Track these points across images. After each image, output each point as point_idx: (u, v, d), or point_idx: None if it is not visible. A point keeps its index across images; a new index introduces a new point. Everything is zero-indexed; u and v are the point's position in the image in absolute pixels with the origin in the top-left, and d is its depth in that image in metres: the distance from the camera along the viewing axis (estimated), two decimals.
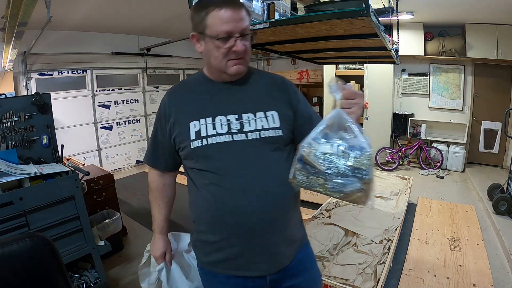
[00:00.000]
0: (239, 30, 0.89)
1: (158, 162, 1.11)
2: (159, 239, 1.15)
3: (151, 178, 1.15)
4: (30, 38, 3.62)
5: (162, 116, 1.04)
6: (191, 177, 1.03)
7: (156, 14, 4.27)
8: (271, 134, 0.94)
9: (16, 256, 0.81)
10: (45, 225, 1.77)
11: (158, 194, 1.15)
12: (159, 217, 1.15)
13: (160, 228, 1.15)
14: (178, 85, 1.10)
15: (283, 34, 2.21)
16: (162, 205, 1.16)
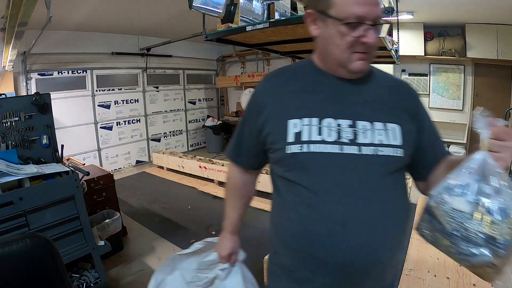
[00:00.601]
0: (373, 17, 0.70)
1: (241, 159, 0.96)
2: (229, 238, 1.04)
3: (231, 174, 1.02)
4: (30, 38, 3.62)
5: (253, 107, 0.86)
6: (279, 187, 0.84)
7: (156, 14, 4.27)
8: (390, 153, 0.74)
9: (16, 256, 0.81)
10: (45, 225, 1.77)
11: (236, 192, 1.03)
12: (233, 216, 1.03)
13: (232, 227, 1.04)
14: (278, 71, 0.89)
15: (283, 34, 2.21)
16: (239, 204, 1.03)
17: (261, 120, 0.82)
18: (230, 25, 1.90)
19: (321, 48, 0.80)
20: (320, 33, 0.77)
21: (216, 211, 3.60)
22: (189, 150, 7.04)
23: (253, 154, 0.92)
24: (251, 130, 0.86)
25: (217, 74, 7.71)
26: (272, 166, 0.86)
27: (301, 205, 0.75)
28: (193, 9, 1.73)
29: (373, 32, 0.71)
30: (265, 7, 2.01)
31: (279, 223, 0.84)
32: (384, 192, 0.74)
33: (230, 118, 7.41)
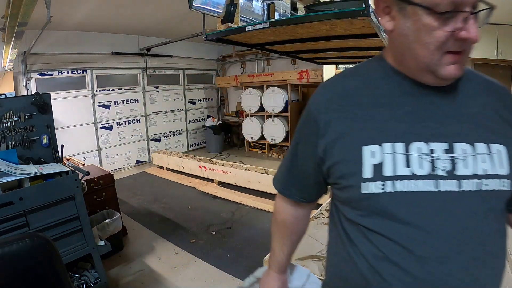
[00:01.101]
0: (473, 1, 0.50)
1: (291, 191, 0.78)
2: (275, 278, 0.88)
3: (279, 207, 0.84)
4: (30, 38, 3.63)
5: (310, 126, 0.66)
6: (347, 232, 0.64)
7: (156, 14, 4.27)
8: (496, 187, 0.55)
9: (16, 256, 0.82)
10: (45, 225, 1.77)
11: (284, 229, 0.85)
12: (280, 254, 0.87)
13: (279, 266, 0.88)
14: (341, 76, 0.69)
15: (283, 34, 2.21)
16: (288, 241, 0.86)
17: (322, 145, 0.63)
18: (230, 25, 1.90)
19: (398, 47, 0.59)
20: (396, 27, 0.56)
21: (216, 211, 3.60)
22: (189, 150, 7.04)
23: (308, 185, 0.74)
24: (307, 157, 0.68)
25: (217, 74, 7.71)
26: (338, 204, 0.67)
27: (383, 262, 0.56)
28: (193, 9, 1.73)
29: (474, 22, 0.50)
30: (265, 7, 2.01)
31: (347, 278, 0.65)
32: (492, 243, 0.56)
33: (230, 118, 7.42)
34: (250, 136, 6.57)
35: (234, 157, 6.19)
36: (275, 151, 6.30)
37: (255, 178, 4.17)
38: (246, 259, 2.57)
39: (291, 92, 6.09)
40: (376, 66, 0.64)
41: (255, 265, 2.57)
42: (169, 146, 6.60)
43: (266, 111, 6.26)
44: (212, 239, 2.96)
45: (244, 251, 2.70)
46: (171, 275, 2.40)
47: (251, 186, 4.19)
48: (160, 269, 2.47)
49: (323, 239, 2.28)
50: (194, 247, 2.81)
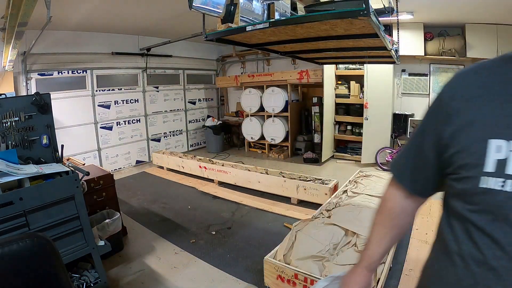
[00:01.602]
0: None
1: (407, 179, 0.76)
2: (362, 274, 0.83)
3: (389, 195, 0.82)
4: (30, 38, 3.63)
5: (439, 112, 0.66)
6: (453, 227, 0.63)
7: (156, 14, 4.27)
8: None
9: (16, 256, 0.81)
10: (45, 225, 1.77)
11: (388, 220, 0.81)
12: (376, 249, 0.82)
13: (370, 261, 0.83)
14: (477, 66, 0.66)
15: (283, 34, 2.21)
16: (388, 236, 0.82)
17: (449, 131, 0.62)
18: (230, 25, 1.89)
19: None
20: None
21: (216, 211, 3.60)
22: (189, 150, 7.04)
23: (426, 175, 0.72)
24: (431, 145, 0.67)
25: (217, 74, 7.71)
26: (450, 198, 0.66)
27: (480, 265, 0.56)
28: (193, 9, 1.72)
29: None
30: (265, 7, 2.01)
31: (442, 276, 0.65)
32: None
33: (230, 118, 7.42)
34: (250, 136, 6.57)
35: (234, 157, 6.19)
36: (275, 151, 6.30)
37: (255, 178, 4.17)
38: (246, 259, 2.57)
39: (291, 92, 6.10)
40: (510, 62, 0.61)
41: (255, 265, 2.58)
42: (169, 146, 6.60)
43: (266, 111, 6.27)
44: (212, 239, 2.96)
45: (244, 251, 2.70)
46: (171, 275, 2.40)
47: (251, 186, 4.20)
48: (160, 269, 2.47)
49: (323, 239, 2.28)
50: (194, 247, 2.81)
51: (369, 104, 5.06)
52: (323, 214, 2.76)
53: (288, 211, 3.50)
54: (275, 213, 3.50)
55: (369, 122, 5.13)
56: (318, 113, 5.85)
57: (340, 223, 2.50)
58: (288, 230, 2.68)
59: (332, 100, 5.65)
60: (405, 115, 5.35)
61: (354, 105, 5.61)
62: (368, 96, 5.05)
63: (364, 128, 5.19)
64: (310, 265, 2.02)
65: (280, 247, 2.23)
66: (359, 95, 5.46)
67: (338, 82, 5.67)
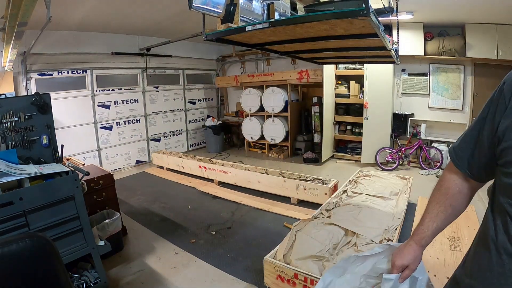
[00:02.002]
0: None
1: (464, 163, 0.78)
2: (411, 248, 0.86)
3: (446, 176, 0.84)
4: (30, 38, 3.62)
5: (499, 102, 0.66)
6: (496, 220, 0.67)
7: (156, 14, 4.27)
8: None
9: (16, 256, 0.81)
10: (45, 225, 1.77)
11: (443, 199, 0.83)
12: (429, 225, 0.84)
13: (420, 236, 0.85)
14: None
15: (283, 34, 2.21)
16: (442, 214, 0.83)
17: (503, 125, 0.63)
18: (230, 25, 1.89)
19: None
20: None
21: (216, 211, 3.60)
22: (189, 150, 7.04)
23: (483, 162, 0.73)
24: (489, 131, 0.68)
25: (217, 74, 7.71)
26: (497, 188, 0.68)
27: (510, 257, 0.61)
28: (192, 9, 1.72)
29: None
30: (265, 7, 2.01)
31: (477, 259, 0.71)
32: None
33: (230, 118, 7.42)
34: (250, 136, 6.57)
35: (234, 157, 6.19)
36: (275, 151, 6.30)
37: (255, 178, 4.17)
38: (246, 259, 2.57)
39: (291, 92, 6.10)
40: None
41: (255, 265, 2.58)
42: (169, 146, 6.60)
43: (266, 111, 6.27)
44: (212, 239, 2.96)
45: (244, 251, 2.70)
46: (171, 275, 2.40)
47: (251, 186, 4.20)
48: (160, 269, 2.47)
49: (323, 239, 2.29)
50: (194, 247, 2.81)
51: (369, 104, 5.06)
52: (323, 214, 2.76)
53: (288, 211, 3.50)
54: (275, 213, 3.50)
55: (369, 122, 5.13)
56: (318, 113, 5.85)
57: (340, 223, 2.50)
58: (288, 230, 2.68)
59: (332, 100, 5.65)
60: (405, 115, 5.35)
61: (354, 105, 5.61)
62: (368, 96, 5.05)
63: (364, 128, 5.19)
64: (310, 265, 2.02)
65: (280, 247, 2.23)
66: (359, 95, 5.46)
67: (338, 82, 5.67)
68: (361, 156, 5.33)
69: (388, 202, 3.05)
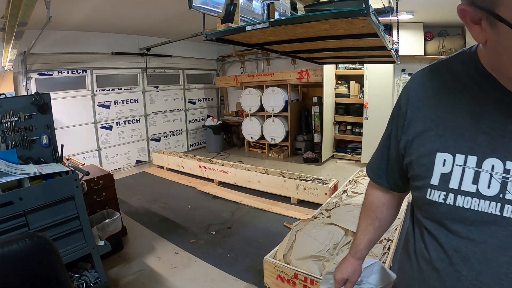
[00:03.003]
0: None
1: (381, 178, 0.81)
2: (348, 261, 0.91)
3: (369, 191, 0.89)
4: (30, 38, 3.62)
5: (398, 117, 0.68)
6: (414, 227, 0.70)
7: (156, 14, 4.27)
8: None
9: (16, 256, 0.81)
10: (45, 225, 1.77)
11: (369, 212, 0.88)
12: (360, 238, 0.89)
13: (355, 250, 0.90)
14: (433, 68, 0.65)
15: (283, 34, 2.21)
16: (370, 227, 0.87)
17: (403, 142, 0.65)
18: (230, 25, 1.89)
19: (492, 56, 0.53)
20: (489, 41, 0.49)
21: (216, 211, 3.60)
22: (189, 150, 7.04)
23: (397, 176, 0.76)
24: (395, 149, 0.70)
25: (217, 74, 7.71)
26: (413, 198, 0.69)
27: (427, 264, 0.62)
28: (192, 9, 1.72)
29: None
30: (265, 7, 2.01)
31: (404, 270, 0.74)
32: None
33: (230, 118, 7.42)
34: (250, 136, 6.57)
35: (234, 157, 6.19)
36: (275, 151, 6.30)
37: (255, 178, 4.17)
38: (246, 259, 2.57)
39: (291, 92, 6.09)
40: (468, 63, 0.58)
41: (255, 265, 2.58)
42: (169, 146, 6.60)
43: (266, 111, 6.26)
44: (212, 239, 2.96)
45: (244, 251, 2.70)
46: (171, 275, 2.40)
47: (251, 186, 4.20)
48: (160, 269, 2.47)
49: (323, 239, 2.29)
50: (194, 247, 2.81)
51: (369, 104, 5.06)
52: (323, 214, 2.76)
53: (288, 211, 3.50)
54: (275, 213, 3.50)
55: (369, 122, 5.13)
56: (318, 113, 5.85)
57: (340, 223, 2.50)
58: (288, 230, 2.68)
59: (332, 100, 5.65)
60: None
61: (354, 105, 5.61)
62: (368, 96, 5.05)
63: (364, 128, 5.19)
64: (310, 265, 2.02)
65: (280, 247, 2.23)
66: (359, 95, 5.46)
67: (338, 82, 5.67)
68: (361, 156, 5.33)
69: None
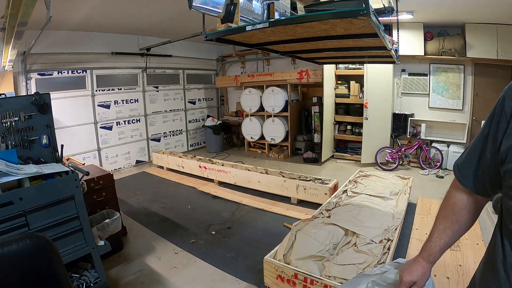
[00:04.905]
0: None
1: (468, 179, 0.78)
2: (419, 264, 0.86)
3: (452, 192, 0.85)
4: (30, 38, 3.63)
5: (500, 120, 0.66)
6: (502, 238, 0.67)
7: (156, 14, 4.27)
8: None
9: (16, 256, 0.81)
10: (45, 225, 1.77)
11: (450, 215, 0.83)
12: (436, 241, 0.85)
13: (429, 253, 0.86)
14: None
15: (283, 34, 2.21)
16: (449, 230, 0.83)
17: (506, 144, 0.62)
18: (230, 25, 1.89)
19: None
20: None
21: (216, 211, 3.60)
22: (189, 150, 7.04)
23: (487, 180, 0.73)
24: (493, 149, 0.68)
25: (217, 74, 7.71)
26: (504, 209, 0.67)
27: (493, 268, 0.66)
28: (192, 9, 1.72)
29: None
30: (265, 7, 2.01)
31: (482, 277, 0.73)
32: None
33: (230, 118, 7.42)
34: (250, 136, 6.57)
35: (234, 157, 6.19)
36: (275, 151, 6.30)
37: (255, 178, 4.17)
38: (246, 259, 2.57)
39: (291, 92, 6.10)
40: None
41: (255, 265, 2.57)
42: (169, 146, 6.60)
43: (266, 111, 6.27)
44: (212, 239, 2.96)
45: (244, 251, 2.70)
46: (171, 275, 2.40)
47: (251, 186, 4.20)
48: (160, 269, 2.47)
49: (323, 239, 2.29)
50: (194, 247, 2.81)
51: (369, 104, 5.06)
52: (323, 214, 2.76)
53: (288, 211, 3.50)
54: (275, 213, 3.50)
55: (369, 122, 5.13)
56: (318, 113, 5.85)
57: (340, 223, 2.50)
58: (288, 230, 2.68)
59: (332, 100, 5.65)
60: (405, 115, 5.35)
61: (354, 105, 5.61)
62: (368, 96, 5.05)
63: (364, 128, 5.19)
64: (310, 265, 2.02)
65: (280, 247, 2.23)
66: (359, 95, 5.46)
67: (338, 82, 5.67)
68: (361, 156, 5.33)
69: (388, 202, 3.05)
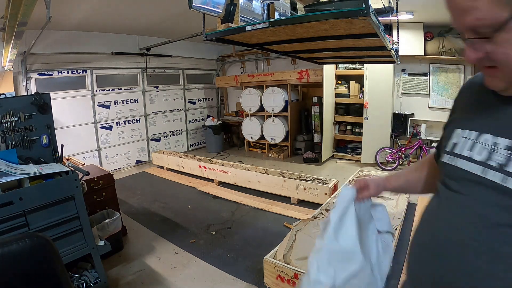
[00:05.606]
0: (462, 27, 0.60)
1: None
2: (376, 179, 1.03)
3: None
4: (30, 38, 3.63)
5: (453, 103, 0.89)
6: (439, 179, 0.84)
7: (156, 14, 4.27)
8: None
9: (16, 256, 0.81)
10: (45, 225, 1.77)
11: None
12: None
13: (387, 178, 1.03)
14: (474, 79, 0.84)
15: (283, 34, 2.21)
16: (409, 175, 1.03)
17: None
18: (230, 25, 1.89)
19: None
20: None
21: (216, 211, 3.60)
22: (189, 150, 7.04)
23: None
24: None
25: (217, 74, 7.71)
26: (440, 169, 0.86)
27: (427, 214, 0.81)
28: (192, 9, 1.72)
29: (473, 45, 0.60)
30: (265, 7, 2.01)
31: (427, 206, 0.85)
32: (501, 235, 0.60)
33: (230, 118, 7.42)
34: (250, 136, 6.57)
35: (234, 157, 6.19)
36: (275, 151, 6.30)
37: (255, 178, 4.17)
38: (246, 259, 2.57)
39: (291, 92, 6.10)
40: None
41: (255, 265, 2.57)
42: (169, 146, 6.61)
43: (266, 111, 6.26)
44: (212, 239, 2.96)
45: (244, 251, 2.70)
46: (171, 275, 2.40)
47: (251, 186, 4.20)
48: (160, 269, 2.47)
49: None
50: (194, 247, 2.81)
51: (369, 104, 5.06)
52: (323, 214, 2.76)
53: (288, 211, 3.50)
54: (275, 213, 3.50)
55: (369, 122, 5.13)
56: (318, 113, 5.85)
57: None
58: (288, 230, 2.68)
59: (332, 100, 5.65)
60: (405, 115, 5.35)
61: (354, 105, 5.61)
62: (368, 96, 5.05)
63: (364, 128, 5.19)
64: None
65: (280, 247, 2.23)
66: (359, 95, 5.46)
67: (338, 82, 5.67)
68: (361, 156, 5.33)
69: (388, 202, 3.05)
